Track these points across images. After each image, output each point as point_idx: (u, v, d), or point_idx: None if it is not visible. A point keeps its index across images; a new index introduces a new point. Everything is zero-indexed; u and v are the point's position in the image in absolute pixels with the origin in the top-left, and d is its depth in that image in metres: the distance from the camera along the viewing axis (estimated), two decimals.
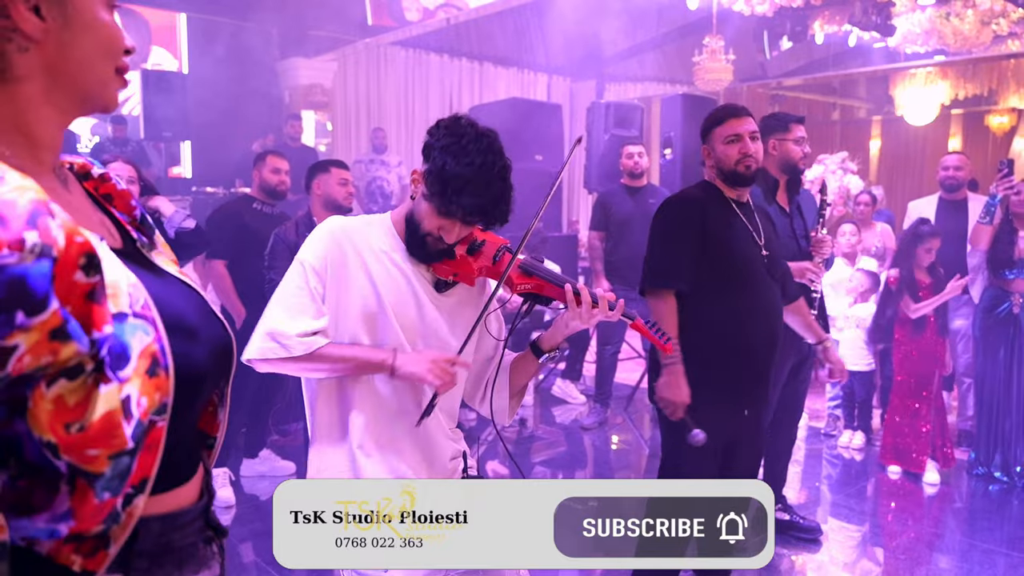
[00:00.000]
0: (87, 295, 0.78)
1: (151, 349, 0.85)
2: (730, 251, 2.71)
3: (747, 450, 2.90)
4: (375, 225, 1.91)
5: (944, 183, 4.99)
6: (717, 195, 2.80)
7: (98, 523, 0.82)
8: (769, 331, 2.77)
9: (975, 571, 3.53)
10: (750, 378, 2.77)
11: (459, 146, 1.74)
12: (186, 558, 1.01)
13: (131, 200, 1.04)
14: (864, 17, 8.83)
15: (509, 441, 5.54)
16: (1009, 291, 4.46)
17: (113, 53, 0.93)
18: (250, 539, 3.83)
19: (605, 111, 6.71)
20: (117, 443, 0.80)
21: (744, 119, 2.78)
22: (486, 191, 1.74)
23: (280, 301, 1.82)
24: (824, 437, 5.46)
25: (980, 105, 12.38)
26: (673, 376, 2.64)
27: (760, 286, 2.75)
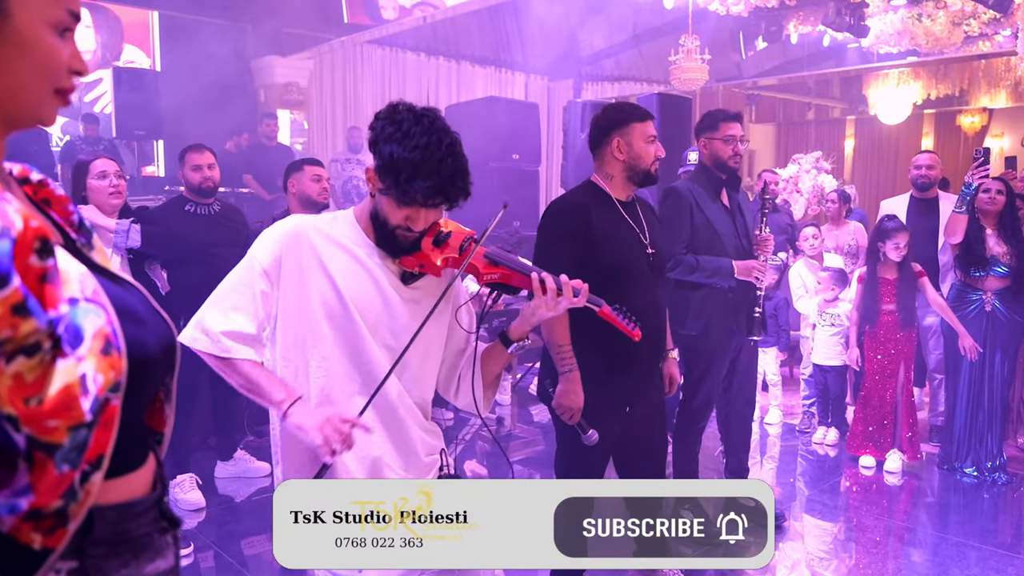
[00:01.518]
0: (41, 277, 0.81)
1: (104, 331, 0.88)
2: (613, 251, 2.73)
3: (640, 445, 2.95)
4: (339, 220, 1.90)
5: (916, 182, 5.04)
6: (601, 196, 2.82)
7: (57, 497, 0.84)
8: (651, 328, 2.74)
9: (946, 564, 3.58)
10: (632, 375, 2.81)
11: (401, 132, 1.73)
12: (142, 547, 1.05)
13: (68, 205, 1.06)
14: (837, 18, 8.90)
15: (487, 440, 5.54)
16: (979, 289, 4.51)
17: (51, 76, 0.94)
18: (225, 540, 3.81)
19: (582, 110, 6.73)
20: (75, 415, 0.83)
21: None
22: (438, 170, 1.72)
23: (220, 295, 1.82)
24: (799, 434, 5.50)
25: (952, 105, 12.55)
26: (570, 383, 2.66)
27: (643, 284, 2.78)
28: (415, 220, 1.80)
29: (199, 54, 8.27)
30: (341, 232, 1.87)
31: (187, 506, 4.03)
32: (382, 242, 1.86)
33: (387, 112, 1.78)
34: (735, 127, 3.58)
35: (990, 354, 4.50)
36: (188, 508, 4.02)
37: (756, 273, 3.55)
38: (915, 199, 5.07)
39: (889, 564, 3.63)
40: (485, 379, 2.05)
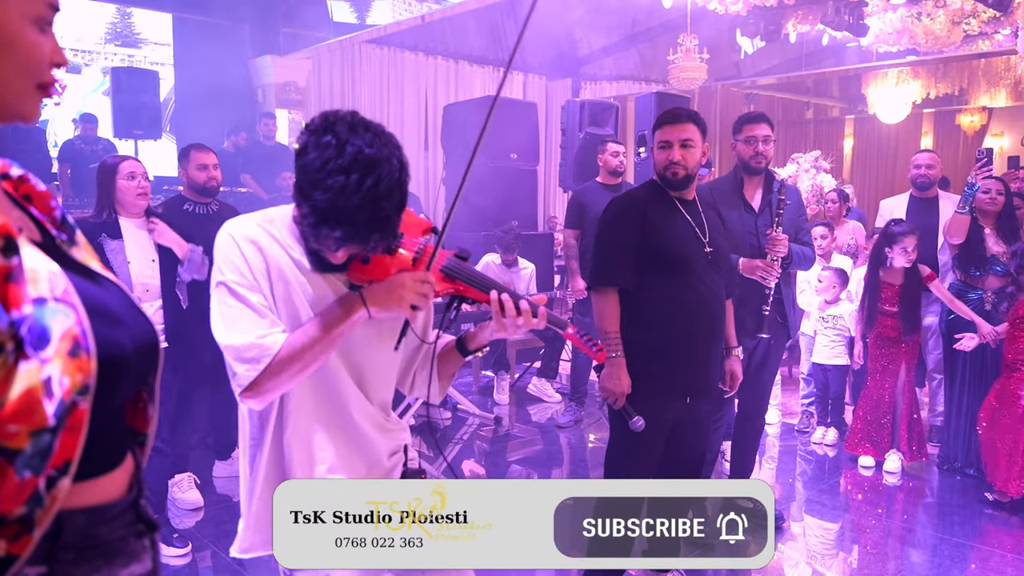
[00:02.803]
0: (5, 276, 0.79)
1: (72, 332, 0.86)
2: (671, 247, 2.86)
3: (689, 438, 3.04)
4: (277, 223, 1.69)
5: (915, 181, 5.02)
6: (660, 194, 2.95)
7: (20, 504, 0.82)
8: (710, 324, 2.92)
9: (945, 564, 3.57)
10: (691, 368, 2.90)
11: (320, 162, 1.46)
12: (115, 552, 1.02)
13: (50, 200, 1.04)
14: (836, 17, 8.89)
15: (485, 440, 5.53)
16: (979, 288, 4.50)
17: (32, 71, 0.94)
18: (223, 539, 3.80)
19: (580, 109, 6.71)
20: (38, 419, 0.81)
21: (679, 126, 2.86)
22: (352, 220, 1.48)
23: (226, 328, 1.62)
24: (798, 433, 5.50)
25: (951, 104, 12.54)
26: (615, 368, 2.83)
27: (701, 280, 2.89)
28: (332, 255, 1.60)
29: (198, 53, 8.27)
30: (283, 238, 1.68)
31: (185, 505, 4.02)
32: (307, 254, 1.67)
33: (315, 128, 1.51)
34: (756, 128, 3.66)
35: (989, 353, 4.48)
36: (187, 507, 4.02)
37: (760, 272, 3.57)
38: (915, 198, 5.05)
39: (888, 564, 3.62)
40: (441, 375, 1.98)
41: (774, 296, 3.63)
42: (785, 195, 3.66)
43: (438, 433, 5.58)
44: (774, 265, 3.59)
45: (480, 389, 6.70)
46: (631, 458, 2.98)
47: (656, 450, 2.98)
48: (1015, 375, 4.20)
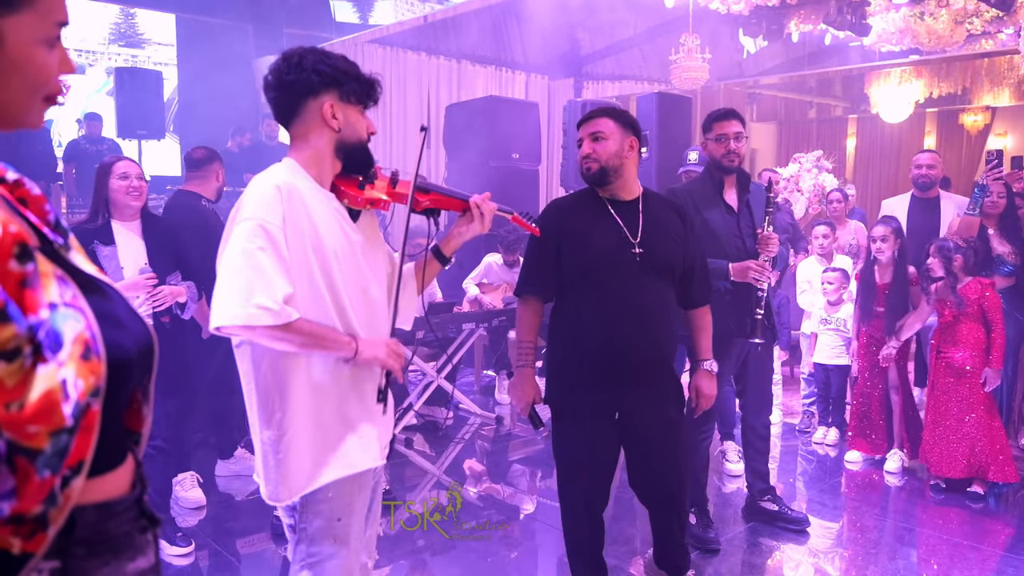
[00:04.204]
0: (21, 282, 0.82)
1: (83, 336, 0.89)
2: (588, 252, 2.78)
3: (641, 451, 2.91)
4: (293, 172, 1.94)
5: (917, 181, 5.03)
6: (589, 199, 2.88)
7: (39, 502, 0.85)
8: (638, 330, 2.76)
9: (945, 564, 3.58)
10: (611, 380, 2.77)
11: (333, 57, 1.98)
12: (122, 546, 1.06)
13: (45, 205, 1.06)
14: (839, 16, 8.88)
15: (487, 439, 5.54)
16: None
17: (40, 87, 0.97)
18: (224, 538, 3.82)
19: (582, 110, 6.70)
20: (57, 420, 0.84)
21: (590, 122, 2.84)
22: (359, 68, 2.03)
23: (250, 265, 1.78)
24: (799, 433, 5.50)
25: (954, 103, 12.49)
26: (521, 378, 2.84)
27: (628, 285, 2.75)
28: (371, 125, 2.04)
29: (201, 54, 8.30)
30: (302, 183, 1.92)
31: (188, 504, 4.04)
32: (354, 166, 2.02)
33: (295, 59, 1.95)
34: (726, 125, 3.56)
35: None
36: (189, 506, 4.04)
37: (753, 274, 3.48)
38: (916, 199, 5.06)
39: (889, 564, 3.62)
40: (421, 287, 2.25)
41: (765, 299, 3.56)
42: (773, 193, 3.64)
43: (440, 432, 5.59)
44: (766, 265, 3.52)
45: (482, 388, 6.72)
46: (567, 479, 2.94)
47: (592, 462, 2.87)
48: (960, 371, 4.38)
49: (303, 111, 1.95)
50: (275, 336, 1.80)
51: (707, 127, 3.64)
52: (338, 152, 1.98)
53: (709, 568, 3.55)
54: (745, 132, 3.62)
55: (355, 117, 1.97)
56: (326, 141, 1.95)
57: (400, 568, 3.63)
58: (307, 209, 1.87)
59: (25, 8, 0.93)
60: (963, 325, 4.35)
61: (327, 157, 1.97)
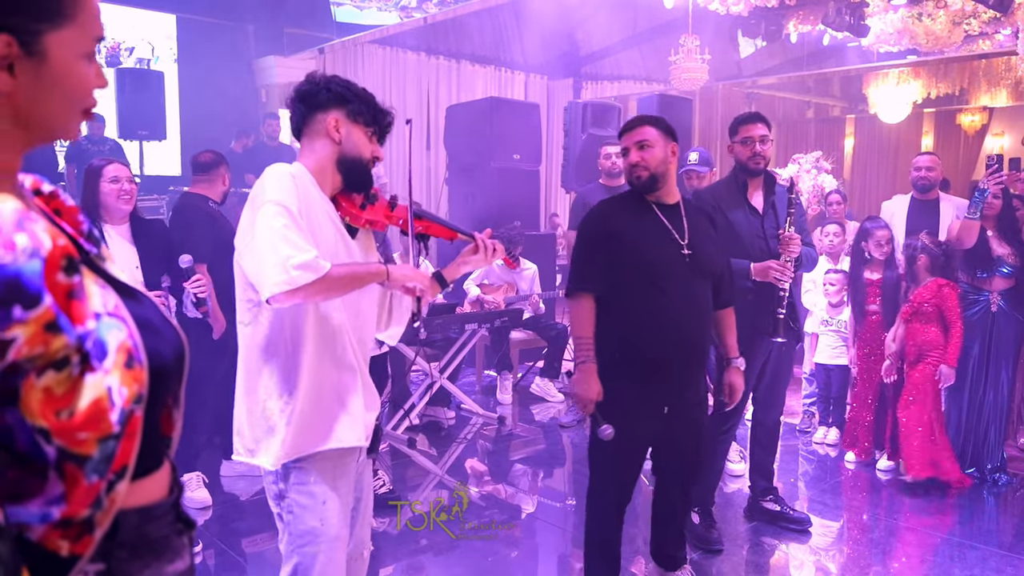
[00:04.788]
0: (68, 294, 0.84)
1: (126, 344, 0.91)
2: (640, 253, 2.86)
3: (676, 448, 3.02)
4: (300, 175, 2.06)
5: (916, 183, 5.04)
6: (636, 200, 2.96)
7: (86, 507, 0.88)
8: (690, 328, 2.88)
9: (946, 564, 3.61)
10: (668, 377, 2.89)
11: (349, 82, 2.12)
12: (161, 549, 1.09)
13: (78, 215, 1.09)
14: (838, 17, 8.91)
15: (488, 439, 5.57)
16: (985, 290, 4.55)
17: (80, 100, 0.99)
18: (230, 538, 3.84)
19: (583, 111, 6.75)
20: (104, 427, 0.87)
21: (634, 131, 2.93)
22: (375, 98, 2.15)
23: (281, 238, 1.91)
24: (799, 433, 5.54)
25: (952, 104, 12.55)
26: (585, 373, 2.83)
27: (677, 286, 2.85)
28: (377, 150, 2.15)
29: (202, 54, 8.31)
30: (312, 188, 2.06)
31: (194, 504, 4.06)
32: (353, 182, 2.14)
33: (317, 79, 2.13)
34: (752, 128, 3.64)
35: (994, 353, 4.54)
36: (195, 506, 4.06)
37: (774, 273, 3.54)
38: (916, 200, 5.08)
39: (890, 564, 3.65)
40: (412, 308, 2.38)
41: (788, 299, 3.61)
42: (795, 195, 3.69)
43: (442, 432, 5.61)
44: (788, 266, 3.57)
45: (483, 389, 6.74)
46: (610, 470, 2.98)
47: (634, 459, 2.98)
48: (918, 367, 4.47)
49: (312, 122, 2.10)
50: (318, 289, 1.93)
51: (733, 130, 3.71)
52: (338, 165, 2.10)
53: (712, 568, 3.58)
54: (770, 135, 3.68)
55: (358, 136, 2.10)
56: (328, 152, 2.09)
57: (404, 567, 3.66)
58: (310, 203, 2.02)
59: (68, 23, 0.95)
60: (917, 324, 4.47)
61: (328, 168, 2.10)
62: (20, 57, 0.91)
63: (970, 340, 4.57)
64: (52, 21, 0.93)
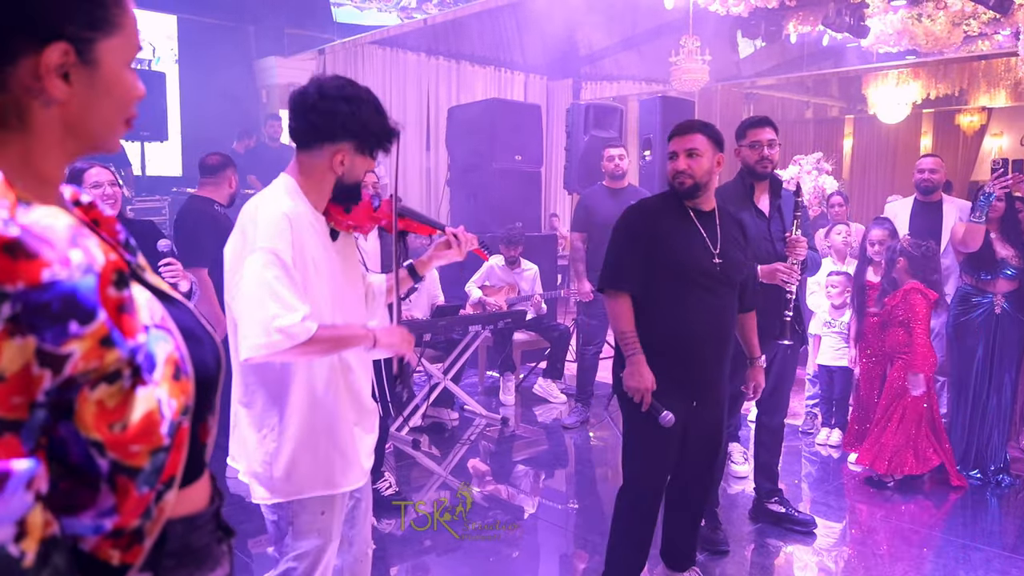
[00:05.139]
0: (119, 307, 0.85)
1: (173, 356, 0.93)
2: (676, 257, 2.93)
3: (697, 447, 3.09)
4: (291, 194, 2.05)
5: (919, 185, 5.07)
6: (675, 204, 3.02)
7: (137, 517, 0.90)
8: (716, 333, 2.99)
9: (950, 566, 3.62)
10: (694, 374, 2.99)
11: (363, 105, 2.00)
12: (203, 558, 1.11)
13: (116, 225, 1.10)
14: (837, 18, 8.93)
15: (491, 440, 5.58)
16: (989, 292, 4.57)
17: (126, 108, 1.01)
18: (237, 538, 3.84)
19: (585, 112, 6.75)
20: (156, 440, 0.88)
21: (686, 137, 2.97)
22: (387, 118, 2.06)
23: (268, 294, 1.88)
24: (802, 435, 5.55)
25: (951, 104, 12.58)
26: (635, 365, 2.90)
27: (708, 290, 2.94)
28: (372, 165, 2.13)
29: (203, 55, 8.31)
30: (301, 208, 2.04)
31: None
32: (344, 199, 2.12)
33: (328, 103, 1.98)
34: (760, 132, 3.66)
35: (998, 355, 4.56)
36: None
37: (782, 276, 3.57)
38: (919, 202, 5.10)
39: (896, 565, 3.67)
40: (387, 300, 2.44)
41: (794, 302, 3.63)
42: (801, 198, 3.70)
43: (446, 433, 5.62)
44: (795, 268, 3.59)
45: (486, 390, 6.75)
46: (649, 460, 3.04)
47: (672, 452, 3.04)
48: (896, 366, 4.54)
49: (317, 148, 2.04)
50: (302, 351, 1.91)
51: (741, 134, 3.73)
52: (334, 189, 2.10)
53: (717, 569, 3.59)
54: (778, 139, 3.70)
55: (360, 164, 2.07)
56: (327, 180, 2.07)
57: (409, 568, 3.67)
58: (306, 235, 2.01)
59: (117, 32, 0.96)
60: (892, 331, 4.56)
61: (325, 191, 2.09)
62: (75, 65, 0.92)
63: (974, 342, 4.59)
64: (104, 30, 0.95)
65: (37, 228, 0.79)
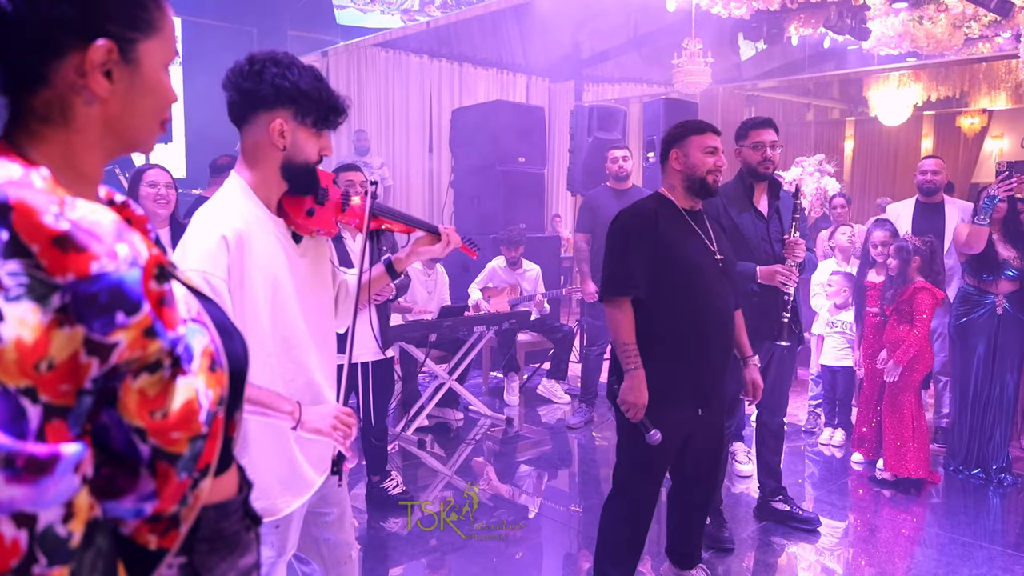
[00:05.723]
0: (160, 300, 0.89)
1: (209, 349, 0.96)
2: (683, 258, 2.89)
3: (701, 448, 3.07)
4: (237, 201, 1.90)
5: (922, 187, 5.10)
6: (670, 206, 2.99)
7: (175, 503, 0.93)
8: (723, 332, 2.98)
9: (954, 564, 3.65)
10: (704, 378, 2.94)
11: (298, 71, 1.85)
12: (234, 544, 1.15)
13: (146, 224, 1.13)
14: (839, 21, 8.96)
15: (496, 440, 5.60)
16: (991, 292, 4.60)
17: (163, 109, 1.05)
18: None
19: (588, 114, 6.78)
20: (195, 428, 0.91)
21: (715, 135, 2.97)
22: (329, 89, 1.90)
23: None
24: (805, 434, 5.58)
25: (952, 106, 12.61)
26: (634, 380, 2.84)
27: (713, 289, 2.93)
28: (327, 147, 1.93)
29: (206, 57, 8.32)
30: (250, 214, 1.89)
31: None
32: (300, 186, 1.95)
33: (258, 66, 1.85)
34: (763, 133, 3.68)
35: (1000, 356, 4.59)
36: None
37: (780, 278, 3.59)
38: (921, 204, 5.13)
39: (899, 563, 3.69)
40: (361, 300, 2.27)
41: (792, 303, 3.65)
42: (800, 200, 3.72)
43: (451, 433, 5.65)
44: (793, 270, 3.61)
45: (490, 390, 6.77)
46: (642, 469, 3.00)
47: (667, 461, 3.02)
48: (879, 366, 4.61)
49: (254, 121, 1.89)
50: None
51: (743, 134, 3.74)
52: (283, 172, 1.91)
53: (722, 567, 3.62)
54: (780, 141, 3.72)
55: (305, 138, 1.88)
56: (272, 161, 1.90)
57: (414, 568, 3.70)
58: (254, 251, 1.86)
59: (156, 34, 1.00)
60: (893, 325, 4.59)
61: (273, 178, 1.92)
62: (118, 64, 0.96)
63: (976, 342, 4.63)
64: (145, 31, 0.99)
65: (85, 223, 0.83)
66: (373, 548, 3.86)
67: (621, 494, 3.07)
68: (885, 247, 4.75)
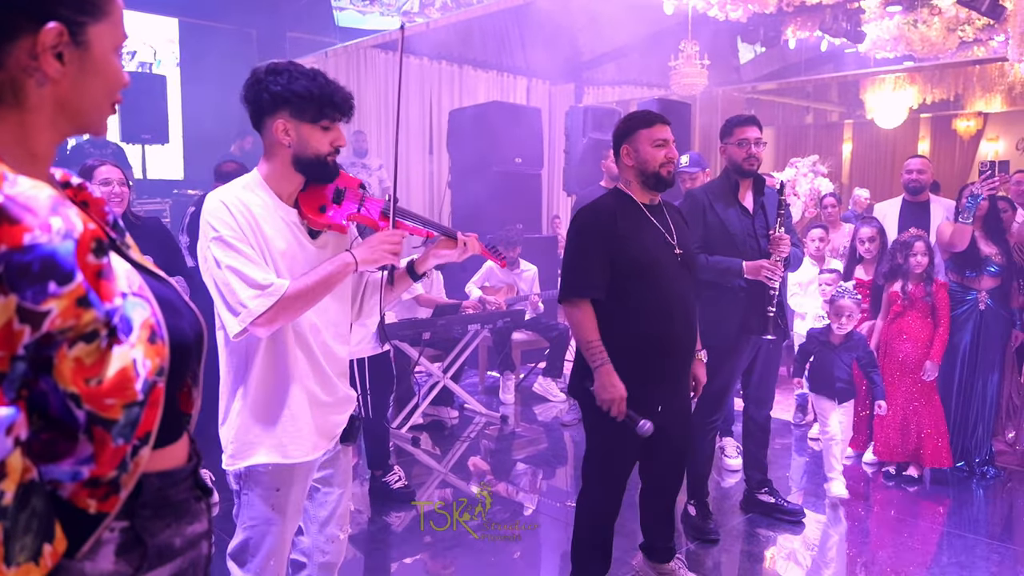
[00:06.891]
0: (97, 273, 0.94)
1: (149, 322, 1.01)
2: (640, 252, 2.87)
3: (668, 437, 3.02)
4: (249, 183, 2.10)
5: (907, 186, 5.16)
6: (628, 201, 2.96)
7: (112, 468, 0.98)
8: (686, 324, 2.94)
9: (934, 552, 3.71)
10: (667, 371, 2.96)
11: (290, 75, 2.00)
12: (182, 512, 1.19)
13: (104, 207, 1.19)
14: (835, 24, 9.02)
15: (491, 438, 5.66)
16: (974, 289, 4.67)
17: (113, 91, 1.11)
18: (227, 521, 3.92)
19: (584, 115, 6.85)
20: (130, 395, 0.96)
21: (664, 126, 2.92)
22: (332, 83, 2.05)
23: (232, 276, 1.96)
24: (794, 427, 5.64)
25: (947, 109, 12.67)
26: (606, 376, 2.80)
27: (674, 282, 2.91)
28: (338, 138, 2.08)
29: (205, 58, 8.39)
30: (258, 196, 2.07)
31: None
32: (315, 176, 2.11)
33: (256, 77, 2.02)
34: (747, 131, 3.73)
35: (983, 351, 4.66)
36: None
37: (765, 273, 3.63)
38: (907, 202, 5.20)
39: (881, 553, 3.75)
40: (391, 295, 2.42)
41: (777, 297, 3.70)
42: (785, 196, 3.78)
43: (446, 431, 5.71)
44: (779, 265, 3.66)
45: (486, 389, 6.83)
46: (610, 465, 3.00)
47: (634, 455, 3.01)
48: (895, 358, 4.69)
49: (264, 127, 2.07)
50: (279, 313, 1.97)
51: (727, 132, 3.78)
52: (295, 166, 2.08)
53: (708, 558, 3.68)
54: (763, 137, 3.78)
55: (309, 132, 2.04)
56: (283, 157, 2.07)
57: (408, 564, 3.75)
58: (256, 221, 2.02)
59: (105, 18, 1.06)
60: (911, 319, 4.62)
61: (288, 173, 2.09)
62: (68, 46, 1.01)
63: (959, 338, 4.69)
64: (94, 15, 1.04)
65: (22, 198, 0.87)
66: (371, 542, 3.92)
67: (592, 492, 3.07)
68: (872, 243, 4.82)
